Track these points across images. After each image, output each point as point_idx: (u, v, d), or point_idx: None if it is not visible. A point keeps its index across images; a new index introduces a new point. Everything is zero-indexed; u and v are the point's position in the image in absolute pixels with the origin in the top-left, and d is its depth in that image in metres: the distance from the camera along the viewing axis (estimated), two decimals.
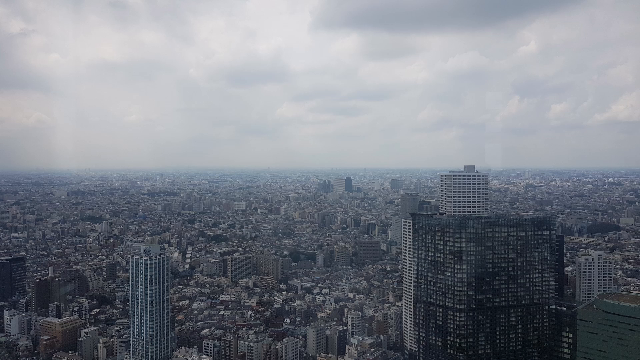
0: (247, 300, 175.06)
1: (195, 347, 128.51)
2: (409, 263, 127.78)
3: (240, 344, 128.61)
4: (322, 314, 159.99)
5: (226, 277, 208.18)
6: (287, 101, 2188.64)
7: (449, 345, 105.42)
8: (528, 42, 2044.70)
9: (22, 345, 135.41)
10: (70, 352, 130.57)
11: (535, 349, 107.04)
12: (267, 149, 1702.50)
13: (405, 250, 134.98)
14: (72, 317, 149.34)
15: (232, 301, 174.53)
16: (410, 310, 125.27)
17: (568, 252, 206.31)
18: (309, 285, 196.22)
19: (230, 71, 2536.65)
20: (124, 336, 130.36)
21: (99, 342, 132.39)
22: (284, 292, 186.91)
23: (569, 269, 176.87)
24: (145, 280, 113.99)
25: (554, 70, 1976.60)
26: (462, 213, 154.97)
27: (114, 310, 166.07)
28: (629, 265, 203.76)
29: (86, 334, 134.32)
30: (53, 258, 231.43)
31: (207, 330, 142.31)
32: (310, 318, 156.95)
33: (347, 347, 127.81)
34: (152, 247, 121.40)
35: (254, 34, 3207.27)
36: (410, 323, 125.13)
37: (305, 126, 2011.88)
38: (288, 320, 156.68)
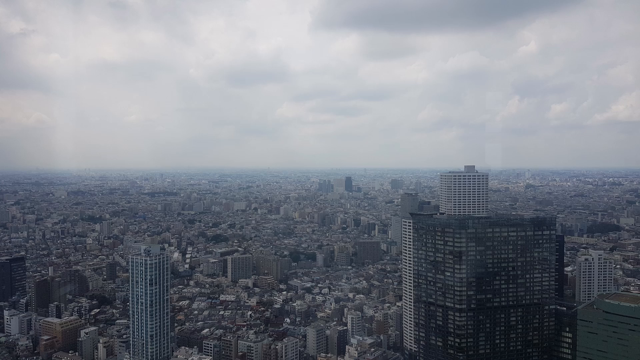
0: (247, 300, 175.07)
1: (195, 347, 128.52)
2: (409, 263, 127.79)
3: (240, 344, 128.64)
4: (322, 314, 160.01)
5: (226, 277, 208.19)
6: (287, 101, 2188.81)
7: (449, 345, 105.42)
8: (528, 42, 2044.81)
9: (22, 345, 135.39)
10: (70, 352, 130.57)
11: (535, 349, 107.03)
12: (267, 149, 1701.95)
13: (405, 250, 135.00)
14: (72, 317, 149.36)
15: (232, 301, 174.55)
16: (410, 310, 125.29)
17: (568, 252, 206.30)
18: (309, 285, 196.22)
19: (230, 71, 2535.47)
20: (124, 336, 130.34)
21: (99, 342, 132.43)
22: (284, 292, 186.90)
23: (569, 269, 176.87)
24: (145, 280, 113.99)
25: (554, 70, 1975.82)
26: (462, 213, 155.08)
27: (114, 310, 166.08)
28: (629, 265, 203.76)
29: (86, 334, 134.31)
30: (53, 258, 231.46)
31: (207, 330, 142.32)
32: (310, 318, 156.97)
33: (347, 347, 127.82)
34: (152, 247, 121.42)
35: (254, 34, 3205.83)
36: (410, 323, 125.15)
37: (305, 126, 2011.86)
38: (288, 320, 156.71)
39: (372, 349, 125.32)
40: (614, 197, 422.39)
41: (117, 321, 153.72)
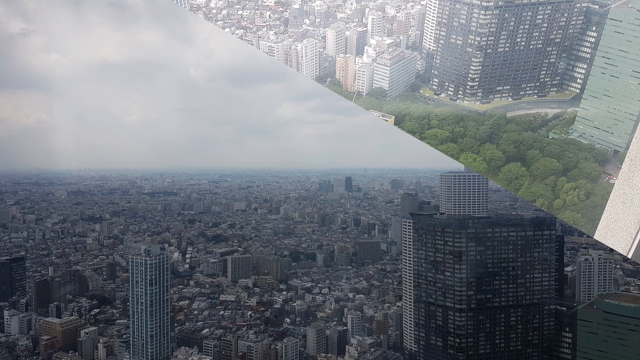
0: (247, 300, 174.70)
1: (195, 347, 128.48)
2: (409, 263, 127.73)
3: (240, 344, 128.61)
4: (322, 314, 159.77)
5: (226, 277, 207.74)
6: (287, 101, 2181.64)
7: (449, 345, 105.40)
8: None
9: (22, 345, 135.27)
10: (70, 352, 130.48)
11: (535, 349, 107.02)
12: (267, 149, 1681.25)
13: (405, 250, 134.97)
14: (72, 317, 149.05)
15: (232, 301, 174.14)
16: (410, 310, 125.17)
17: (568, 252, 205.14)
18: (309, 285, 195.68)
19: (230, 71, 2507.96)
20: (124, 336, 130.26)
21: (99, 342, 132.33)
22: (284, 292, 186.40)
23: (569, 269, 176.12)
24: (145, 280, 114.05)
25: None
26: (462, 213, 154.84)
27: (114, 310, 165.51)
28: (629, 265, 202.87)
29: (86, 334, 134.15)
30: (53, 258, 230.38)
31: (207, 330, 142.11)
32: (310, 318, 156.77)
33: (347, 347, 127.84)
34: (152, 247, 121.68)
35: None
36: (410, 323, 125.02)
37: (305, 126, 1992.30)
38: (288, 320, 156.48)
39: (372, 349, 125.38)
40: None
41: (117, 321, 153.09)
